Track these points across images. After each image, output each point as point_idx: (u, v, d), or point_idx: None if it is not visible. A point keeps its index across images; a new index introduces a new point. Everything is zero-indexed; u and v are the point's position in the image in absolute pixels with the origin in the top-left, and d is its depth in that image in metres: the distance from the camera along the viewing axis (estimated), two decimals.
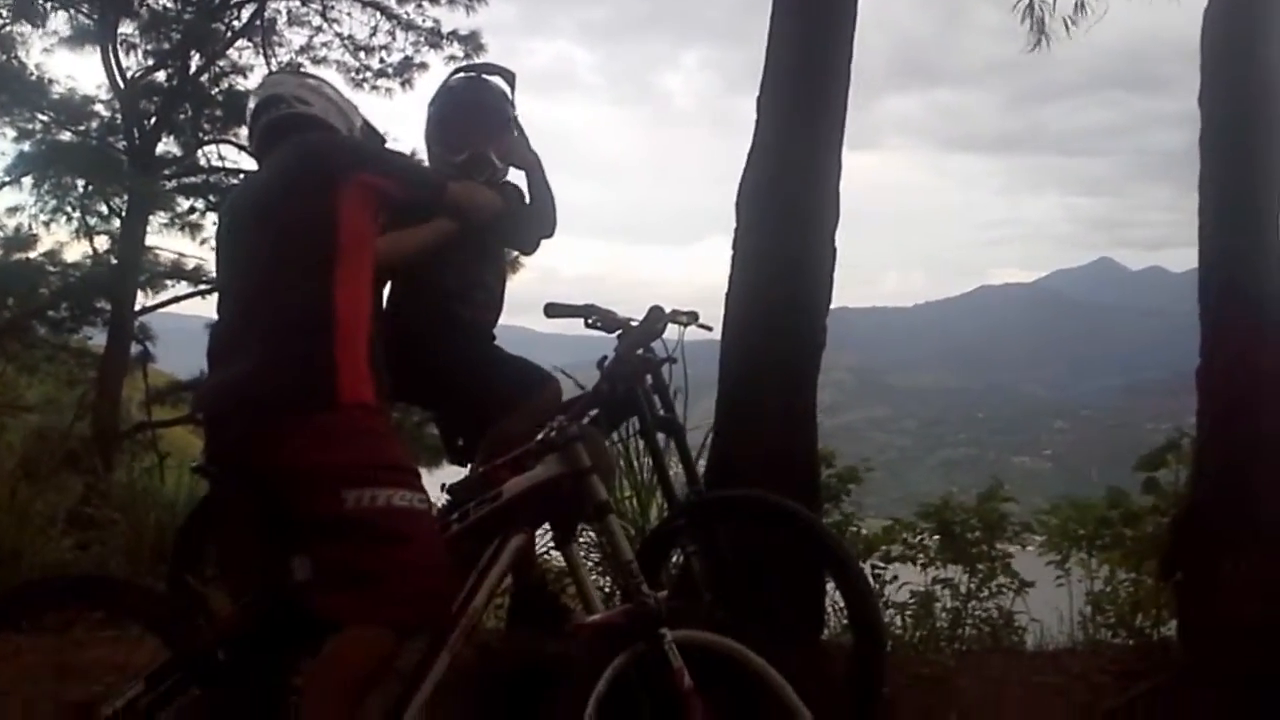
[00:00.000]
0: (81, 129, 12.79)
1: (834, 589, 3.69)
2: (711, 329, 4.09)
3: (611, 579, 3.94)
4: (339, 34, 13.37)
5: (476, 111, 3.83)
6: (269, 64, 13.04)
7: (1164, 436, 4.69)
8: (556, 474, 2.81)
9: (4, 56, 12.33)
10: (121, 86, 12.63)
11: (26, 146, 12.47)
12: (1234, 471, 3.91)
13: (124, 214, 12.51)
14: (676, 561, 3.63)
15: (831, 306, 4.18)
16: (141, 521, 5.16)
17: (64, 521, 5.34)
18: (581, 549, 3.72)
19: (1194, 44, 4.18)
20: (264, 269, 2.75)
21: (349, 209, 2.77)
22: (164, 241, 12.92)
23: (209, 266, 11.89)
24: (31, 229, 12.48)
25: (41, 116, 12.56)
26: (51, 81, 12.54)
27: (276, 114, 3.02)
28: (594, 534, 3.95)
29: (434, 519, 2.75)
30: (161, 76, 13.16)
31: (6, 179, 12.38)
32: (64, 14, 12.53)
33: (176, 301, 12.93)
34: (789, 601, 3.70)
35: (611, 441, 3.91)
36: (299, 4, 13.33)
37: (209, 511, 3.81)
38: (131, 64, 12.82)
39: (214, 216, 11.76)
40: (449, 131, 3.82)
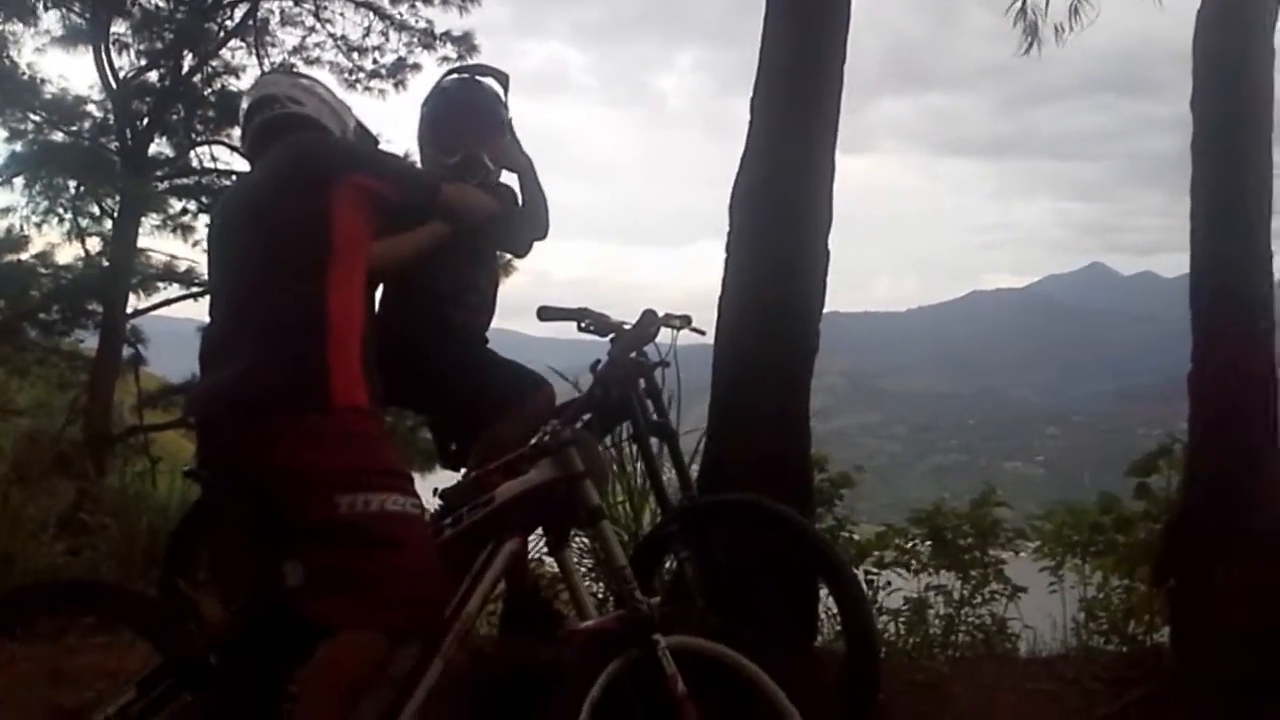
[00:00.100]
0: (73, 129, 12.77)
1: (827, 595, 3.69)
2: (705, 333, 4.09)
3: (605, 584, 3.93)
4: (332, 34, 13.39)
5: (469, 113, 3.82)
6: (262, 64, 13.05)
7: (1156, 442, 4.69)
8: (549, 479, 2.80)
9: None
10: (114, 87, 12.62)
11: (18, 147, 12.49)
12: (1225, 477, 3.91)
13: (116, 215, 12.50)
14: (670, 567, 3.61)
15: (824, 311, 4.17)
16: (133, 526, 5.15)
17: (56, 526, 5.33)
18: (575, 554, 3.71)
19: (1186, 48, 4.18)
20: (256, 270, 2.74)
21: (342, 210, 2.76)
22: (156, 243, 12.98)
23: (201, 269, 11.86)
24: (23, 230, 12.52)
25: (33, 117, 12.54)
26: (43, 81, 12.54)
27: (269, 114, 3.02)
28: (587, 539, 3.94)
29: (427, 524, 2.74)
30: (154, 77, 13.17)
31: None
32: (56, 13, 12.52)
33: (169, 304, 12.93)
34: (782, 607, 3.69)
35: (605, 446, 3.90)
36: (292, 4, 13.34)
37: (201, 516, 3.80)
38: (124, 64, 12.85)
39: (206, 218, 11.75)
40: (442, 133, 3.81)
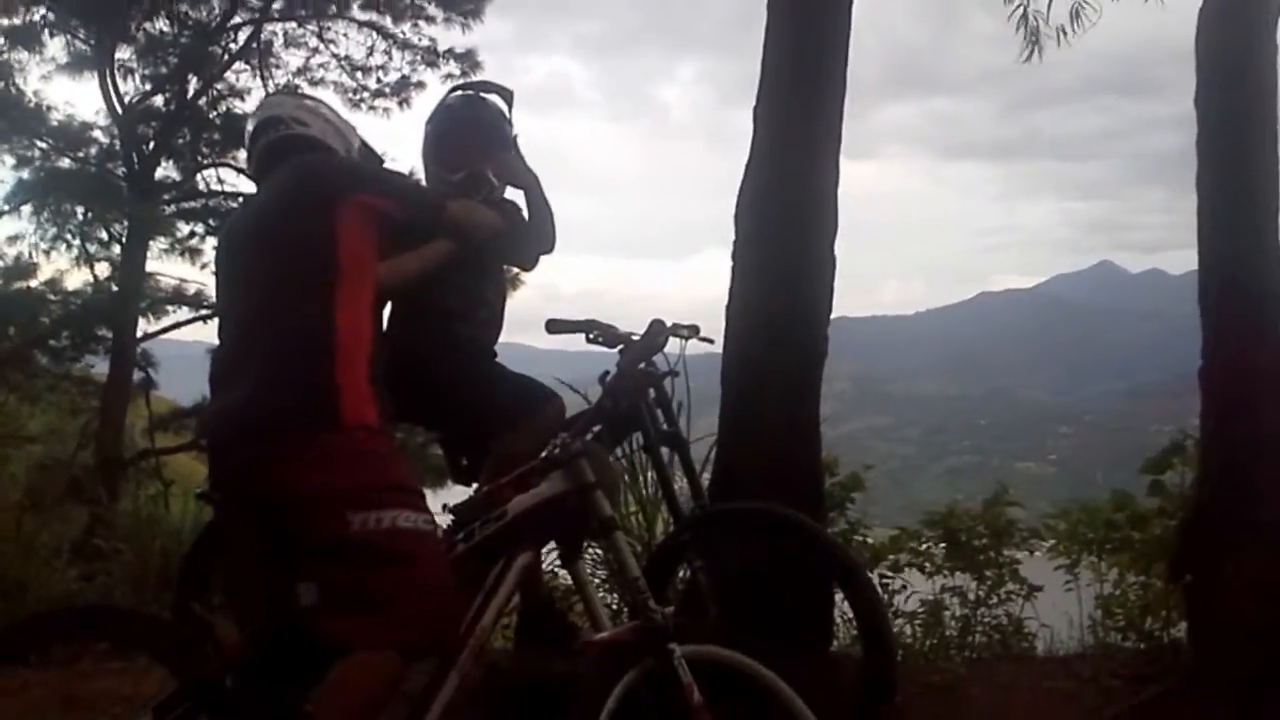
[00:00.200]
0: (80, 155, 12.83)
1: (842, 599, 3.69)
2: (713, 341, 4.09)
3: (619, 595, 3.93)
4: (336, 55, 13.44)
5: (474, 129, 3.83)
6: (266, 87, 13.10)
7: (1168, 439, 4.68)
8: (561, 491, 2.79)
9: (2, 84, 12.38)
10: (119, 112, 12.68)
11: (26, 174, 12.56)
12: (1235, 472, 3.89)
13: (124, 240, 12.56)
14: (683, 576, 3.61)
15: (832, 316, 4.17)
16: (147, 550, 5.16)
17: (69, 552, 5.33)
18: (588, 566, 3.71)
19: (1188, 47, 4.17)
20: (263, 292, 2.74)
21: (348, 230, 2.76)
22: (164, 267, 12.97)
23: (210, 291, 11.90)
24: (32, 257, 12.59)
25: (40, 144, 12.60)
26: (49, 108, 12.63)
27: (275, 136, 3.02)
28: (600, 550, 3.94)
29: (439, 540, 2.74)
30: (159, 101, 13.24)
31: (6, 207, 12.47)
32: (61, 40, 12.60)
33: (178, 327, 13.00)
34: (797, 613, 3.69)
35: (616, 457, 3.90)
36: (295, 26, 13.39)
37: (214, 538, 3.80)
38: (129, 89, 12.91)
39: (214, 241, 11.78)
40: (446, 150, 3.82)
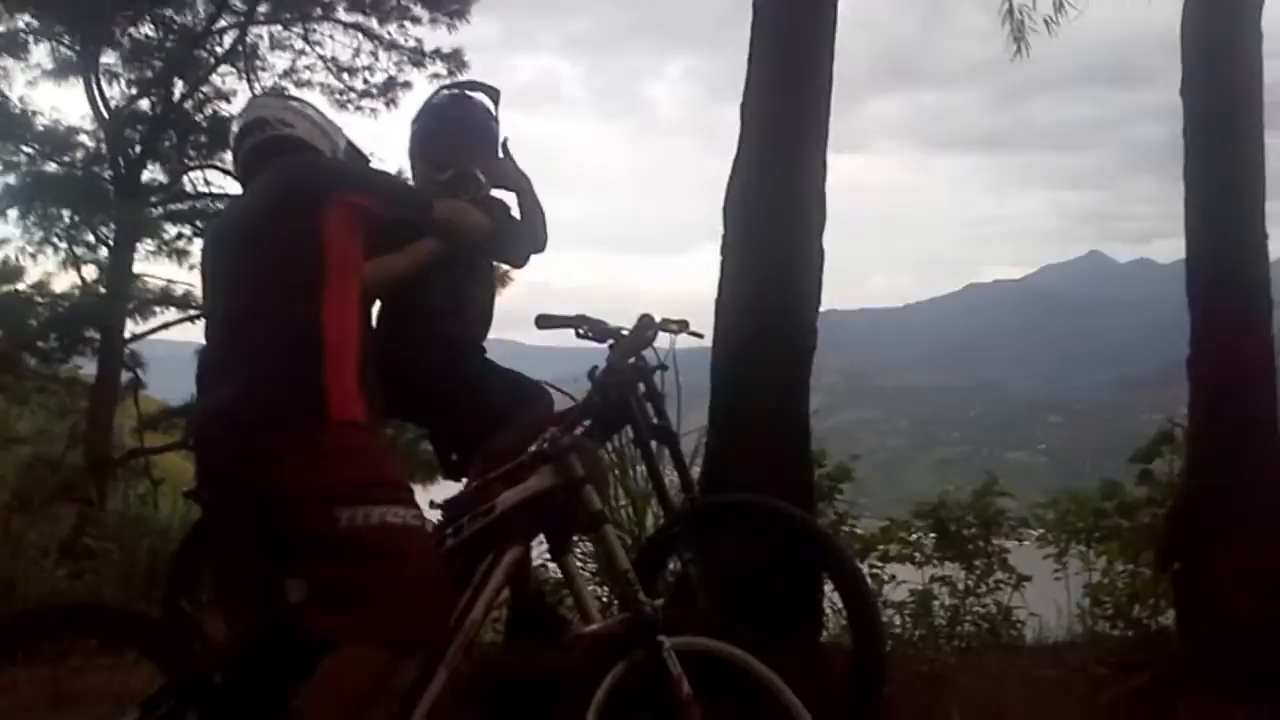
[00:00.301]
0: (67, 160, 12.84)
1: (832, 590, 3.70)
2: (703, 336, 4.09)
3: (609, 588, 3.93)
4: (322, 56, 13.45)
5: (461, 128, 3.83)
6: (252, 89, 13.09)
7: (1157, 428, 4.69)
8: (550, 485, 2.80)
9: None
10: (105, 116, 12.68)
11: (12, 179, 12.62)
12: (1223, 460, 3.91)
13: (111, 243, 12.57)
14: (674, 569, 3.62)
15: (821, 309, 4.18)
16: (135, 548, 5.16)
17: (58, 551, 5.33)
18: (578, 559, 3.72)
19: (1175, 37, 4.18)
20: (250, 292, 2.74)
21: (334, 229, 2.76)
22: (152, 269, 13.00)
23: (197, 292, 11.89)
24: (19, 261, 12.63)
25: (26, 149, 12.63)
26: (35, 114, 12.67)
27: (260, 137, 3.02)
28: (590, 544, 3.94)
29: (428, 535, 2.74)
30: (145, 105, 13.26)
31: None
32: (46, 47, 12.58)
33: (166, 328, 13.00)
34: (787, 604, 3.70)
35: (606, 451, 3.90)
36: (281, 29, 13.38)
37: (203, 536, 3.80)
38: (115, 93, 12.93)
39: (201, 242, 11.78)
40: (433, 149, 3.81)
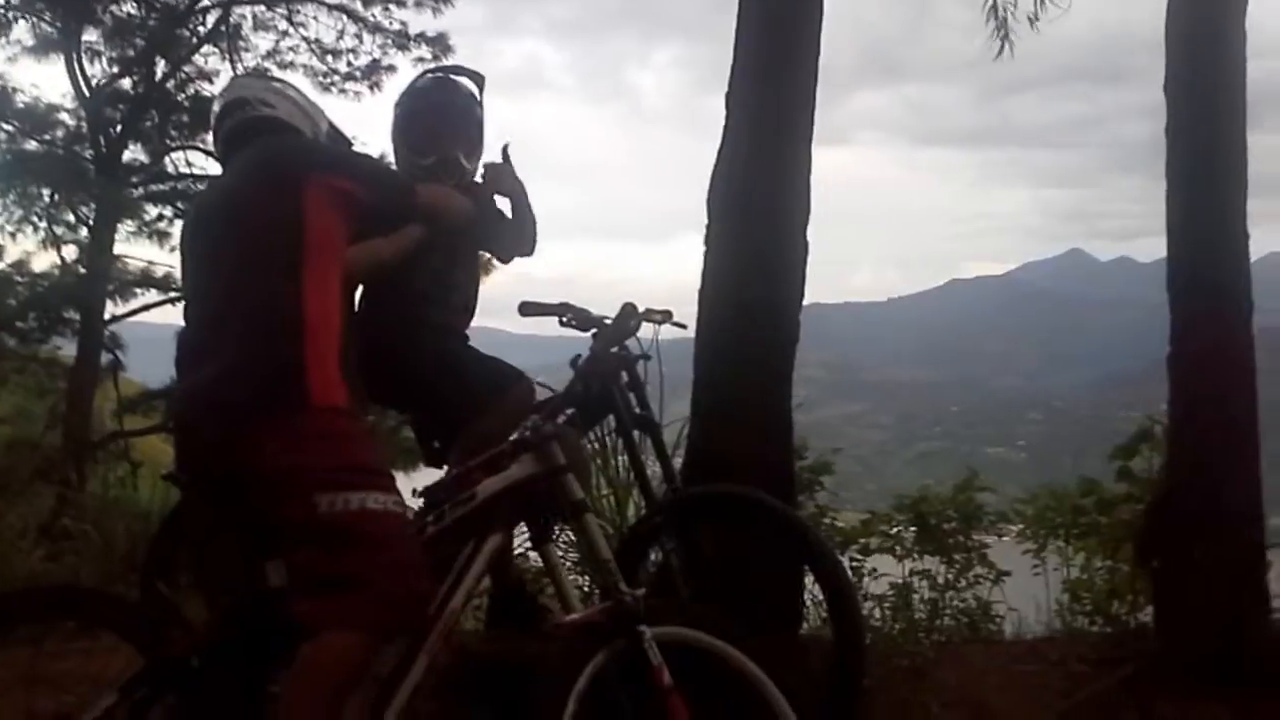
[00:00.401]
0: (47, 138, 12.69)
1: (812, 582, 3.70)
2: (686, 326, 4.08)
3: (590, 577, 3.93)
4: (305, 38, 13.27)
5: (444, 113, 3.81)
6: (235, 69, 12.94)
7: (1137, 425, 4.72)
8: (532, 474, 2.79)
9: None
10: (87, 95, 12.55)
11: None
12: (1203, 457, 3.93)
13: (91, 223, 12.45)
14: (655, 559, 3.62)
15: (804, 303, 4.18)
16: (114, 531, 5.14)
17: (36, 533, 5.30)
18: (559, 548, 3.71)
19: (1159, 36, 4.19)
20: (231, 273, 2.72)
21: (315, 211, 2.74)
22: (132, 249, 12.86)
23: (178, 274, 11.81)
24: None
25: (6, 126, 12.48)
26: (15, 91, 12.48)
27: (241, 117, 3.00)
28: (572, 533, 3.94)
29: (409, 521, 2.72)
30: (127, 84, 13.10)
31: None
32: (26, 23, 12.45)
33: (146, 310, 12.88)
34: (768, 596, 3.70)
35: (588, 440, 3.89)
36: (264, 9, 13.24)
37: (182, 519, 3.78)
38: (96, 72, 12.76)
39: (182, 223, 11.71)
40: (416, 133, 3.79)
